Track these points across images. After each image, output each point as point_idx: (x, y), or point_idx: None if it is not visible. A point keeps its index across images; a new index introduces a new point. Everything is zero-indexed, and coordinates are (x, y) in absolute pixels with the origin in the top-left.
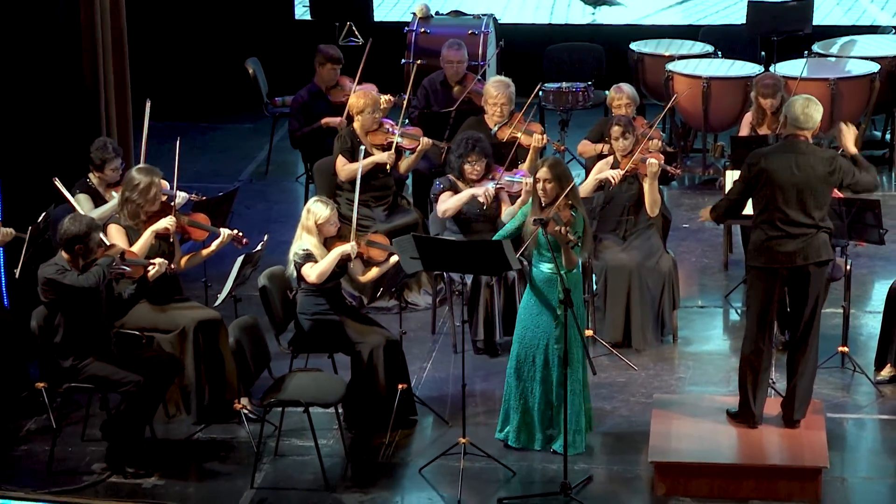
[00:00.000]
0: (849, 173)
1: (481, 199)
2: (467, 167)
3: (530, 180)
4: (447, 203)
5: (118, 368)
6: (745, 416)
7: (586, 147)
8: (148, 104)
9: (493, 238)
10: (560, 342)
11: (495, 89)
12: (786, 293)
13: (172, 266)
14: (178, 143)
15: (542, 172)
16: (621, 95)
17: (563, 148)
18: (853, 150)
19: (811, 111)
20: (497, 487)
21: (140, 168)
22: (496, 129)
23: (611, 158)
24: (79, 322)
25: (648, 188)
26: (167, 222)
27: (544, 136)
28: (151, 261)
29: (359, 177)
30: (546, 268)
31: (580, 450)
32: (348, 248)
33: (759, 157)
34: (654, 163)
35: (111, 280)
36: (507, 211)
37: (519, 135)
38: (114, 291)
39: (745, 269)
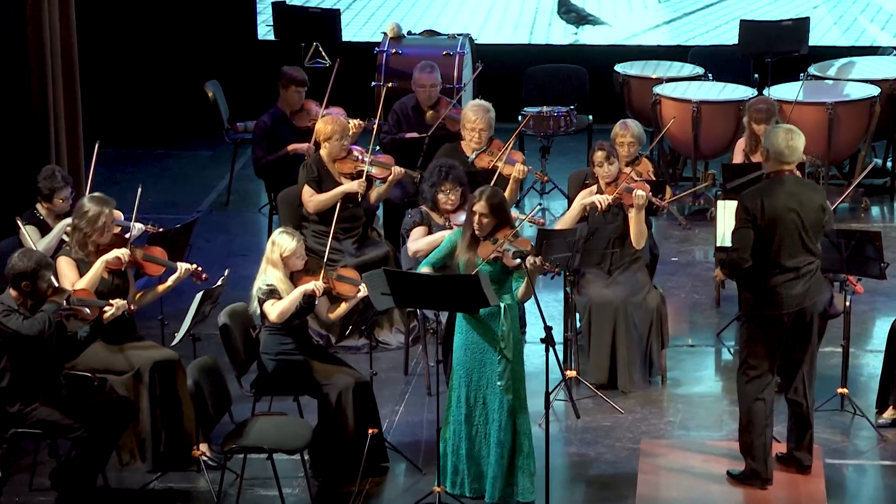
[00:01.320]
0: (831, 220)
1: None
2: (441, 197)
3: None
4: (419, 244)
5: (68, 413)
6: (755, 477)
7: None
8: (97, 146)
9: (419, 268)
10: (503, 380)
11: (474, 114)
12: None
13: (132, 307)
14: (139, 191)
15: (481, 206)
16: (626, 133)
17: (546, 179)
18: None
19: (795, 143)
20: None
21: (93, 196)
22: (474, 156)
23: (594, 188)
24: (26, 365)
25: (634, 220)
26: (119, 252)
27: (526, 165)
28: (108, 302)
29: (336, 213)
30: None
31: (531, 498)
32: (312, 286)
33: (759, 197)
34: (641, 195)
35: (63, 319)
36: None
37: (499, 164)
38: (66, 331)
39: (740, 317)
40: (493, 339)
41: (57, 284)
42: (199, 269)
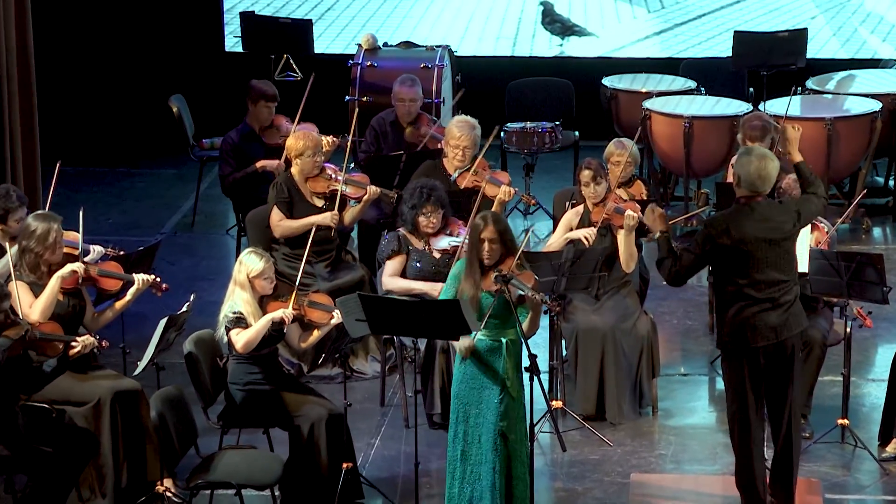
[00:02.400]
0: (809, 212)
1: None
2: (422, 219)
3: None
4: (392, 283)
5: (24, 447)
6: None
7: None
8: (58, 165)
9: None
10: (505, 419)
11: (459, 130)
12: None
13: (104, 343)
14: (80, 213)
15: (489, 232)
16: (623, 152)
17: (533, 201)
18: (798, 157)
19: (768, 172)
20: None
21: (37, 214)
22: (456, 175)
23: (580, 208)
24: None
25: (624, 241)
26: (74, 266)
27: (512, 186)
28: (74, 338)
29: (310, 239)
30: (486, 335)
31: None
32: (281, 313)
33: (725, 224)
34: (631, 215)
35: (27, 350)
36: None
37: (483, 183)
38: (31, 362)
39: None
40: (493, 375)
41: (14, 315)
42: (159, 279)
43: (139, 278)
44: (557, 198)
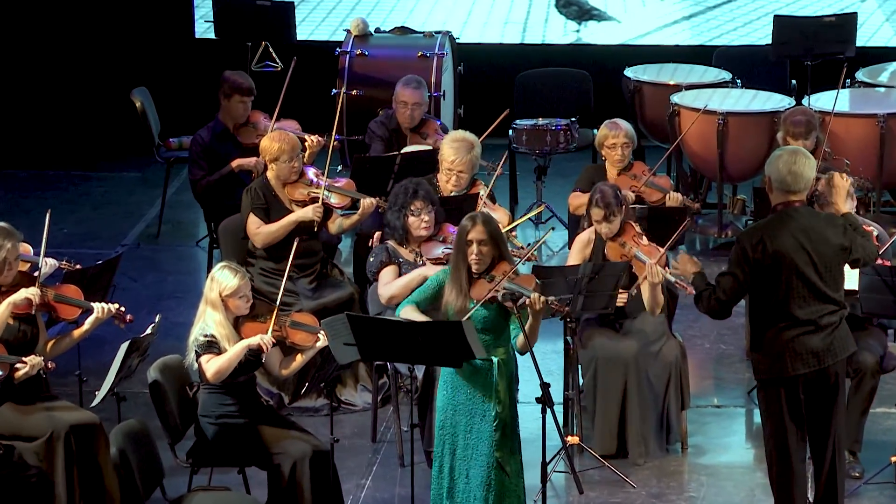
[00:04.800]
0: (866, 253)
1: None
2: (413, 220)
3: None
4: (391, 287)
5: None
6: None
7: (579, 200)
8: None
9: (399, 310)
10: (500, 449)
11: (454, 152)
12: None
13: (50, 365)
14: (47, 215)
15: (478, 232)
16: (617, 133)
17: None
18: (844, 208)
19: (800, 168)
20: None
21: None
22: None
23: (590, 234)
24: None
25: (649, 292)
26: (29, 293)
27: (508, 232)
28: (21, 359)
29: (292, 256)
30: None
31: None
32: (258, 339)
33: (759, 235)
34: (657, 272)
35: None
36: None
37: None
38: None
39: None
40: (484, 400)
41: None
42: (123, 309)
43: (100, 307)
44: (585, 175)
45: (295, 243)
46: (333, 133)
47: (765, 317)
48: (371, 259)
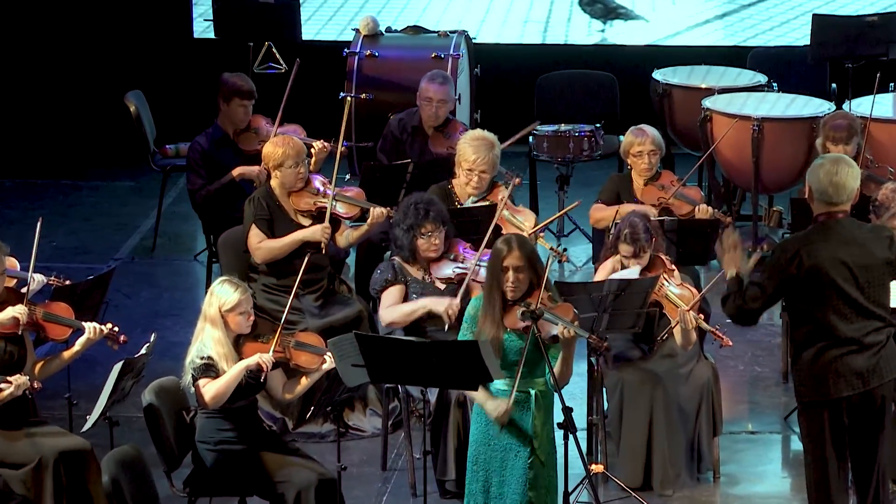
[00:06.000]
0: None
1: (445, 318)
2: (422, 242)
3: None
4: (393, 314)
5: None
6: None
7: (602, 213)
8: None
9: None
10: (534, 489)
11: (474, 151)
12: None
13: (36, 385)
14: (38, 225)
15: (514, 258)
16: (643, 140)
17: (518, 180)
18: None
19: (842, 178)
20: None
21: None
22: (469, 203)
23: (615, 264)
24: None
25: (680, 333)
26: (16, 312)
27: (537, 233)
28: (5, 378)
29: (301, 272)
30: (509, 386)
31: None
32: (258, 358)
33: (796, 248)
34: (690, 321)
35: None
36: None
37: (504, 214)
38: None
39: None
40: (520, 435)
41: None
42: (116, 329)
43: (91, 328)
44: (610, 185)
45: (305, 259)
46: (348, 140)
47: (805, 335)
48: (376, 275)
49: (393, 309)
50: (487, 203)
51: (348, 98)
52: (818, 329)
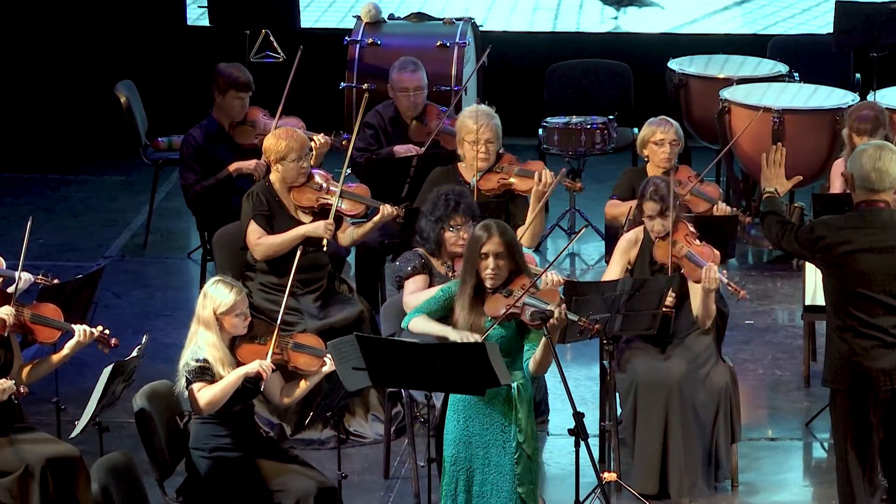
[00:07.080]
0: None
1: None
2: (449, 235)
3: (532, 254)
4: (421, 298)
5: None
6: None
7: (617, 209)
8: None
9: (407, 320)
10: (524, 484)
11: (475, 121)
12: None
13: (23, 389)
14: (28, 222)
15: (494, 244)
16: (667, 129)
17: (579, 186)
18: None
19: (886, 164)
20: None
21: None
22: (477, 178)
23: (640, 233)
24: None
25: (702, 301)
26: (2, 313)
27: (547, 172)
28: None
29: (294, 269)
30: None
31: None
32: (256, 366)
33: (830, 231)
34: (713, 278)
35: None
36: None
37: (511, 179)
38: None
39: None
40: (503, 429)
41: None
42: (107, 332)
43: (81, 330)
44: (624, 180)
45: (298, 254)
46: (349, 133)
47: (834, 327)
48: (400, 263)
49: (419, 295)
50: (499, 189)
51: (351, 89)
52: (845, 322)
